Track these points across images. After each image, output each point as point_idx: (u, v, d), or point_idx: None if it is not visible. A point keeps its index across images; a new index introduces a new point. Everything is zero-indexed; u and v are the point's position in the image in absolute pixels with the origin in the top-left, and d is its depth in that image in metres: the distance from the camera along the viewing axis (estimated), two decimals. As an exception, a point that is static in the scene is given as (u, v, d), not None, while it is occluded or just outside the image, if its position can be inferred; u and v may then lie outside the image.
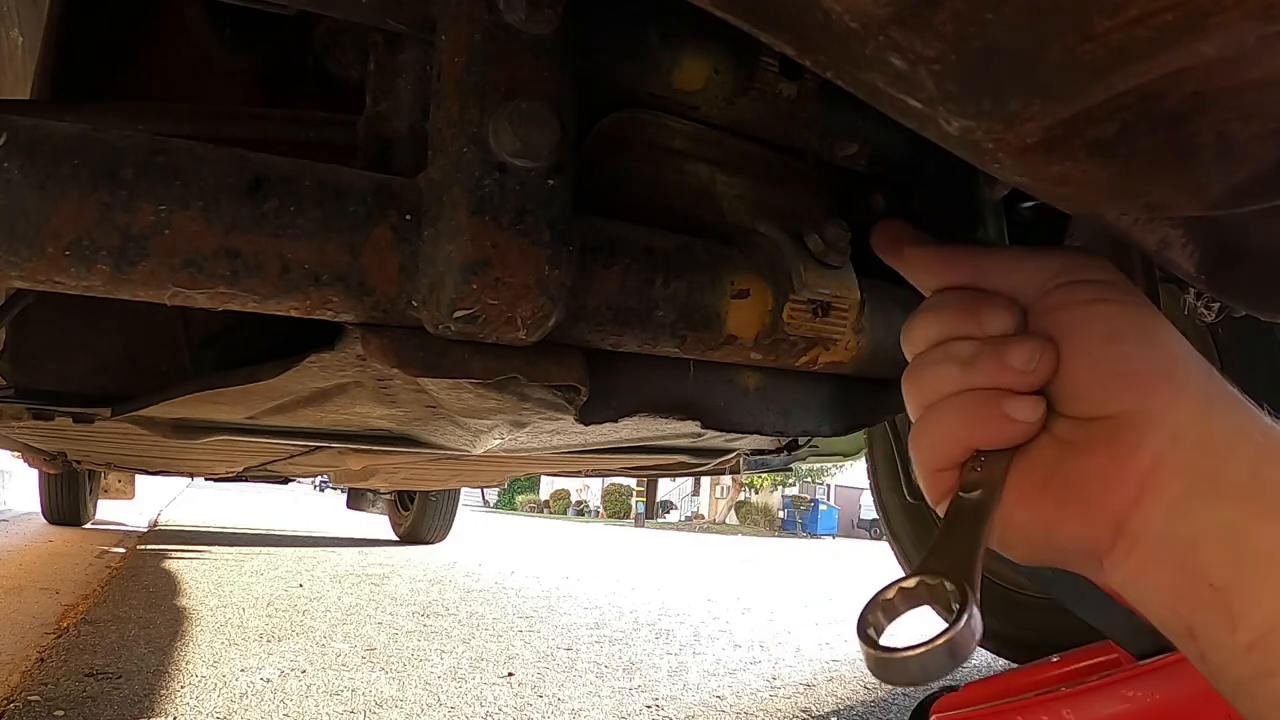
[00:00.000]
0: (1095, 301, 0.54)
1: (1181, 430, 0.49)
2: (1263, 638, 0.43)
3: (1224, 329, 1.74)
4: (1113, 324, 0.53)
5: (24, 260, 0.52)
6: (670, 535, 15.96)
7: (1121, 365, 0.51)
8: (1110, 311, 0.53)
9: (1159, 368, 0.51)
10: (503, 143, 0.60)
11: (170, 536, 6.94)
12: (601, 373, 0.78)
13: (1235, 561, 0.45)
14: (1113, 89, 0.40)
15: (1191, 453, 0.48)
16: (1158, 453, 0.49)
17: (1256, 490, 0.46)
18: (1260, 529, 0.45)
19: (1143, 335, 0.52)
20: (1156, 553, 0.48)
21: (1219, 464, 0.48)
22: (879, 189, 0.99)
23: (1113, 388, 0.51)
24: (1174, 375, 0.51)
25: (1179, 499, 0.48)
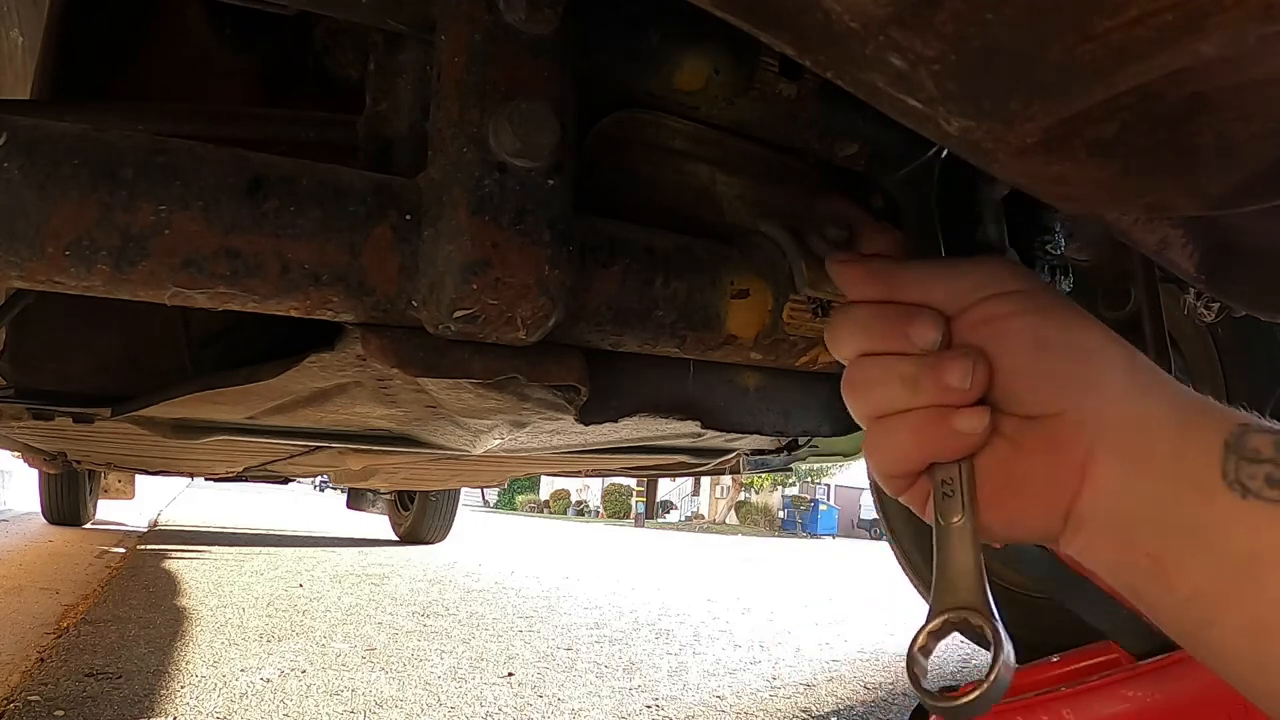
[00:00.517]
0: (1018, 314, 0.57)
1: (1108, 420, 0.53)
2: (1196, 593, 0.49)
3: (1224, 329, 1.74)
4: (1036, 334, 0.56)
5: (24, 260, 0.52)
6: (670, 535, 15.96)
7: (1049, 370, 0.55)
8: (1033, 322, 0.56)
9: (1083, 367, 0.55)
10: (503, 143, 0.60)
11: (170, 536, 6.94)
12: (601, 373, 0.78)
13: (1164, 531, 0.50)
14: (1113, 89, 0.40)
15: (1119, 439, 0.53)
16: (1090, 444, 0.53)
17: (1179, 466, 0.50)
18: (1184, 499, 0.50)
19: (1065, 339, 0.56)
20: (1100, 531, 0.54)
21: (1145, 446, 0.52)
22: (879, 189, 0.99)
23: (1044, 392, 0.55)
24: (1097, 371, 0.55)
25: (1113, 482, 0.53)
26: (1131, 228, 0.63)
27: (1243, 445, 0.48)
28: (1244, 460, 0.47)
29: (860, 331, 0.62)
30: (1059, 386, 0.55)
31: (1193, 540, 0.49)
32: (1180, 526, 0.50)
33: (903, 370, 0.58)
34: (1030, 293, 0.58)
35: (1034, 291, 0.58)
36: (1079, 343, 0.56)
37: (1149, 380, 0.54)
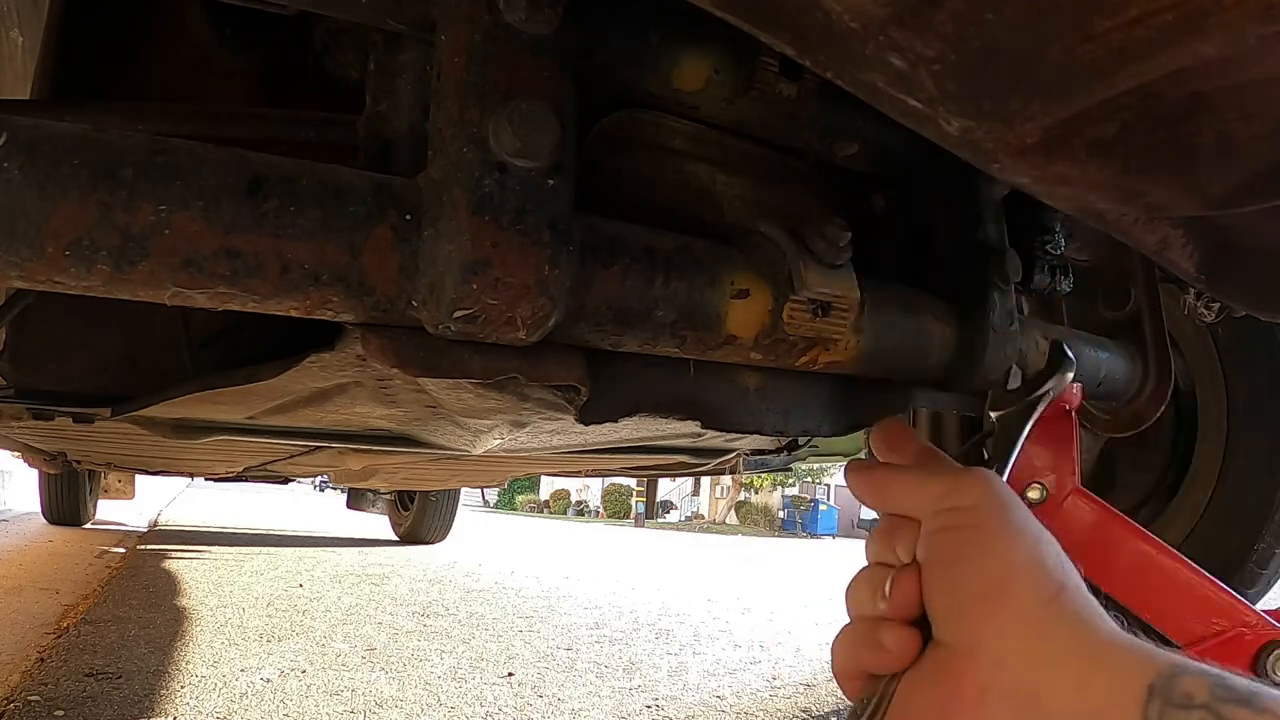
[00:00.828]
0: (948, 529, 0.54)
1: (1005, 655, 0.48)
2: None
3: (1224, 329, 1.74)
4: (954, 551, 0.53)
5: (24, 260, 0.52)
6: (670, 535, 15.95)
7: (954, 590, 0.52)
8: (954, 539, 0.53)
9: (987, 590, 0.50)
10: (503, 143, 0.60)
11: (170, 536, 6.94)
12: (601, 373, 0.78)
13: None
14: (1113, 89, 0.40)
15: (1016, 678, 0.47)
16: (983, 681, 0.49)
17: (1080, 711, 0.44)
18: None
19: (977, 561, 0.52)
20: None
21: (1042, 687, 0.46)
22: (879, 189, 0.99)
23: (948, 614, 0.52)
24: (1003, 596, 0.50)
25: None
26: (1131, 228, 0.63)
27: (1171, 690, 0.41)
28: (1171, 707, 0.41)
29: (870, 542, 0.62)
30: (960, 607, 0.51)
31: None
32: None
33: (878, 578, 0.58)
34: (978, 509, 0.54)
35: (980, 508, 0.54)
36: (994, 565, 0.51)
37: (1067, 614, 0.48)
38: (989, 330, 0.92)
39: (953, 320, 0.92)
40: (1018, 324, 0.96)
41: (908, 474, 0.60)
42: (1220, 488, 1.76)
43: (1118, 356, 1.24)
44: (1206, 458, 1.80)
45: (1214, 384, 1.79)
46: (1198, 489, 1.80)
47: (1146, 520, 1.82)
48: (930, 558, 0.54)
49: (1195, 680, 0.41)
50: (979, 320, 0.92)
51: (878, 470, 0.63)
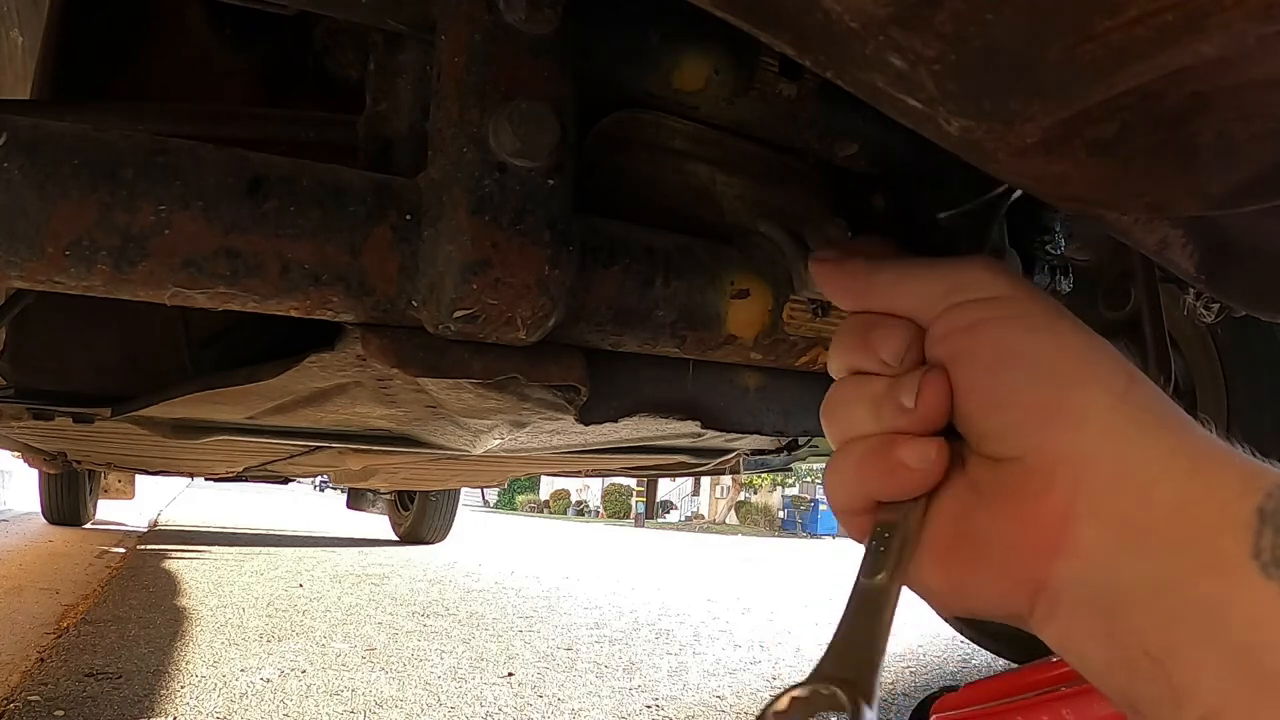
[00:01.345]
0: (978, 324, 0.47)
1: (1088, 467, 0.41)
2: (1211, 711, 0.36)
3: (1224, 330, 1.74)
4: (997, 348, 0.45)
5: (24, 260, 0.52)
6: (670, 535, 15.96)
7: (1010, 396, 0.44)
8: (993, 334, 0.46)
9: (1052, 394, 0.43)
10: (503, 143, 0.60)
11: (170, 536, 6.94)
12: (601, 373, 0.78)
13: (1170, 625, 0.37)
14: (1113, 89, 0.40)
15: (1104, 493, 0.40)
16: (1067, 499, 0.41)
17: (1183, 536, 0.38)
18: (1195, 584, 0.37)
19: (1032, 357, 0.44)
20: (1081, 615, 0.41)
21: (1137, 505, 0.39)
22: (879, 189, 0.99)
23: (1007, 423, 0.44)
24: (1071, 399, 0.42)
25: (1096, 551, 0.40)
26: (1132, 228, 0.63)
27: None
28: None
29: (837, 345, 0.54)
30: (1023, 415, 0.43)
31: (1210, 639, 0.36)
32: (1193, 622, 0.36)
33: (873, 390, 0.50)
34: (1006, 299, 0.47)
35: (1011, 298, 0.47)
36: (1053, 360, 0.44)
37: (1149, 414, 0.41)
38: (989, 330, 0.92)
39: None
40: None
41: (897, 267, 0.52)
42: (1220, 488, 1.76)
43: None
44: (1206, 458, 1.80)
45: (1214, 384, 1.79)
46: (1198, 489, 1.79)
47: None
48: (960, 359, 0.46)
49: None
50: (979, 320, 0.92)
51: (855, 262, 0.54)
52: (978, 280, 0.48)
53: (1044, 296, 0.46)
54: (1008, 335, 0.45)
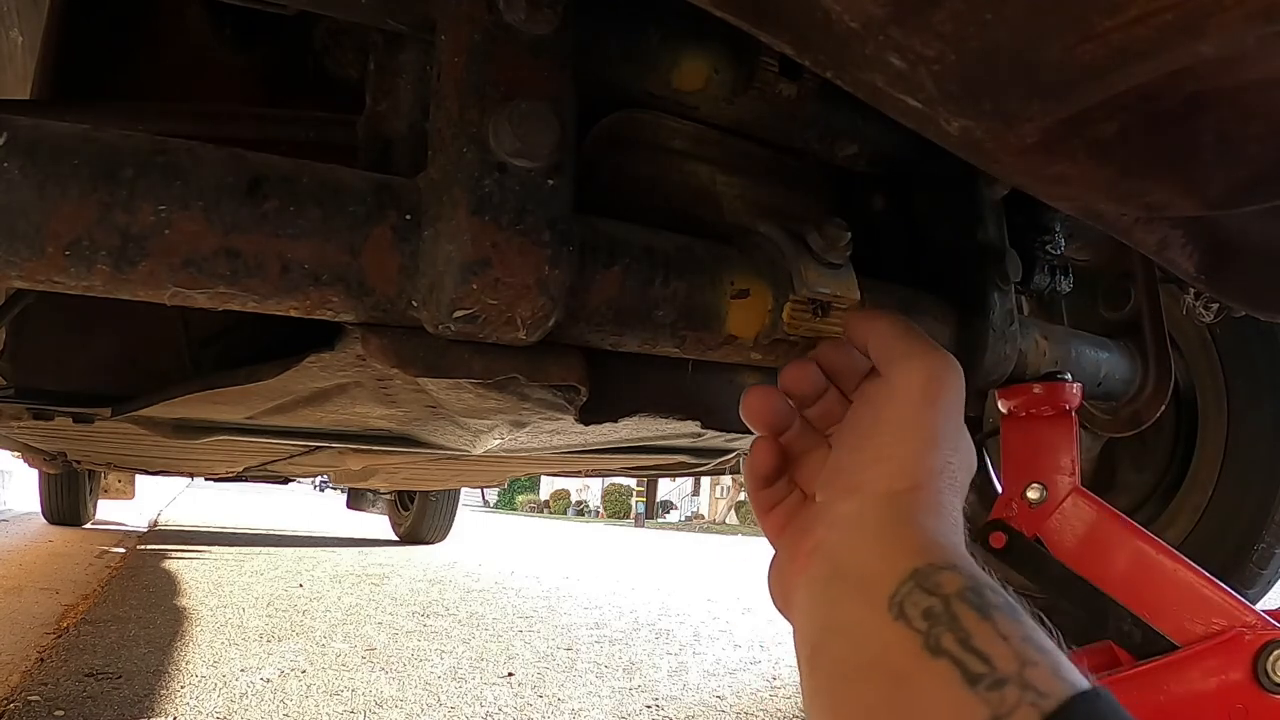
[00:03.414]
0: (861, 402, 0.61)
1: (838, 526, 0.55)
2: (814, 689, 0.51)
3: (1223, 329, 1.74)
4: (854, 422, 0.60)
5: (24, 260, 0.52)
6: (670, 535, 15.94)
7: (836, 459, 0.59)
8: (861, 413, 0.60)
9: (855, 466, 0.57)
10: (502, 143, 0.60)
11: (170, 536, 6.93)
12: (601, 372, 0.78)
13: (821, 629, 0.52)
14: (1112, 89, 0.40)
15: (838, 541, 0.54)
16: (819, 538, 0.56)
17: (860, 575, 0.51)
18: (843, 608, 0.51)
19: (865, 439, 0.58)
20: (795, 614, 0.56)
21: (850, 555, 0.53)
22: (879, 189, 0.99)
23: (825, 478, 0.59)
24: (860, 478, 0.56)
25: (813, 576, 0.55)
26: (1131, 228, 0.63)
27: (929, 578, 0.47)
28: (919, 589, 0.47)
29: None
30: (830, 477, 0.59)
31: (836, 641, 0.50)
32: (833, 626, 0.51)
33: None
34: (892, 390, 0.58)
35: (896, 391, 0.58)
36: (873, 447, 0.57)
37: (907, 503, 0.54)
38: (989, 330, 0.92)
39: (952, 320, 0.92)
40: (1017, 324, 0.96)
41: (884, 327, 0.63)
42: (1220, 488, 1.76)
43: (1118, 356, 1.24)
44: (1206, 458, 1.80)
45: (1214, 384, 1.79)
46: (1198, 489, 1.80)
47: (1146, 520, 1.83)
48: (846, 417, 0.61)
49: (953, 577, 0.47)
50: (979, 320, 0.92)
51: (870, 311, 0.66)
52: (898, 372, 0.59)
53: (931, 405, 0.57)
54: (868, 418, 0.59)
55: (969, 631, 0.44)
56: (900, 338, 0.60)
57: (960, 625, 0.44)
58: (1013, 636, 0.44)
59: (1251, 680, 0.92)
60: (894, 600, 0.47)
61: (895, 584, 0.48)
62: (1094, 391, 1.21)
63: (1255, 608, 0.96)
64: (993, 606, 0.45)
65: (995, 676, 0.42)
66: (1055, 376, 1.06)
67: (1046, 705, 0.40)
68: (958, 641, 0.44)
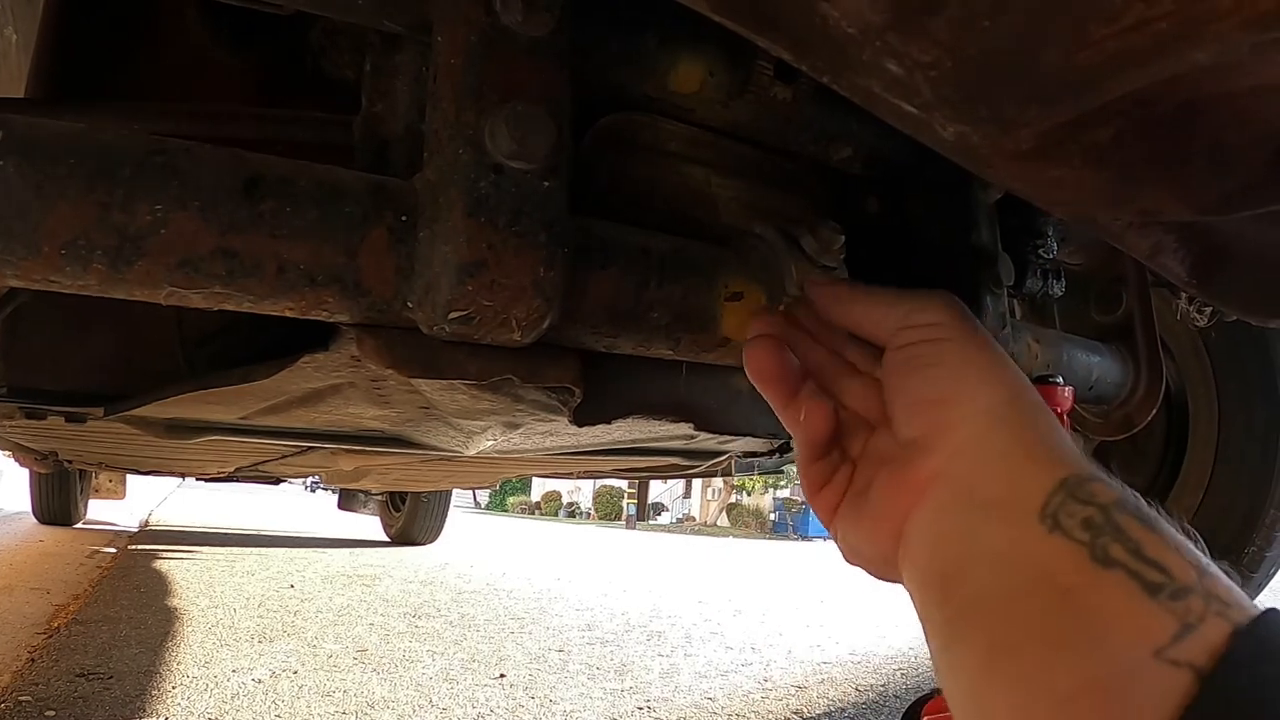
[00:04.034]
0: (914, 344, 0.58)
1: (962, 448, 0.52)
2: (958, 613, 0.48)
3: (1215, 333, 1.75)
4: (919, 359, 0.57)
5: (20, 259, 0.52)
6: (661, 537, 15.94)
7: (918, 394, 0.56)
8: (920, 350, 0.57)
9: (951, 395, 0.54)
10: (499, 144, 0.60)
11: (161, 536, 6.91)
12: (596, 374, 0.78)
13: (961, 555, 0.49)
14: (1107, 95, 0.40)
15: (957, 466, 0.52)
16: (937, 468, 0.53)
17: (995, 497, 0.49)
18: (991, 525, 0.48)
19: (944, 368, 0.56)
20: (913, 549, 0.53)
21: (977, 473, 0.51)
22: (873, 192, 1.00)
23: (912, 413, 0.56)
24: (959, 399, 0.54)
25: (941, 504, 0.52)
26: (1125, 233, 0.63)
27: (1079, 488, 0.46)
28: (1072, 500, 0.45)
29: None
30: (924, 408, 0.56)
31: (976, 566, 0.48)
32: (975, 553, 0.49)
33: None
34: (943, 325, 0.57)
35: (945, 325, 0.57)
36: (958, 372, 0.55)
37: (1015, 419, 0.52)
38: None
39: (946, 323, 0.92)
40: (1010, 327, 0.97)
41: (873, 294, 0.62)
42: (1211, 491, 1.77)
43: (1109, 360, 1.25)
44: (1197, 461, 1.80)
45: (1205, 388, 1.80)
46: (1188, 492, 1.80)
47: (1138, 523, 1.83)
48: (897, 367, 0.58)
49: (1105, 488, 0.45)
50: (972, 323, 0.92)
51: (844, 286, 0.65)
52: (926, 312, 0.58)
53: (977, 330, 0.57)
54: (930, 352, 0.56)
55: (1137, 540, 0.42)
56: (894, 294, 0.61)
57: (1127, 535, 0.43)
58: (1181, 547, 0.42)
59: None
60: (1046, 513, 0.45)
61: (1044, 496, 0.46)
62: (1086, 395, 1.22)
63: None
64: (1152, 518, 0.44)
65: (1176, 586, 0.40)
66: (1047, 379, 1.06)
67: (1235, 615, 0.39)
68: (1128, 551, 0.42)
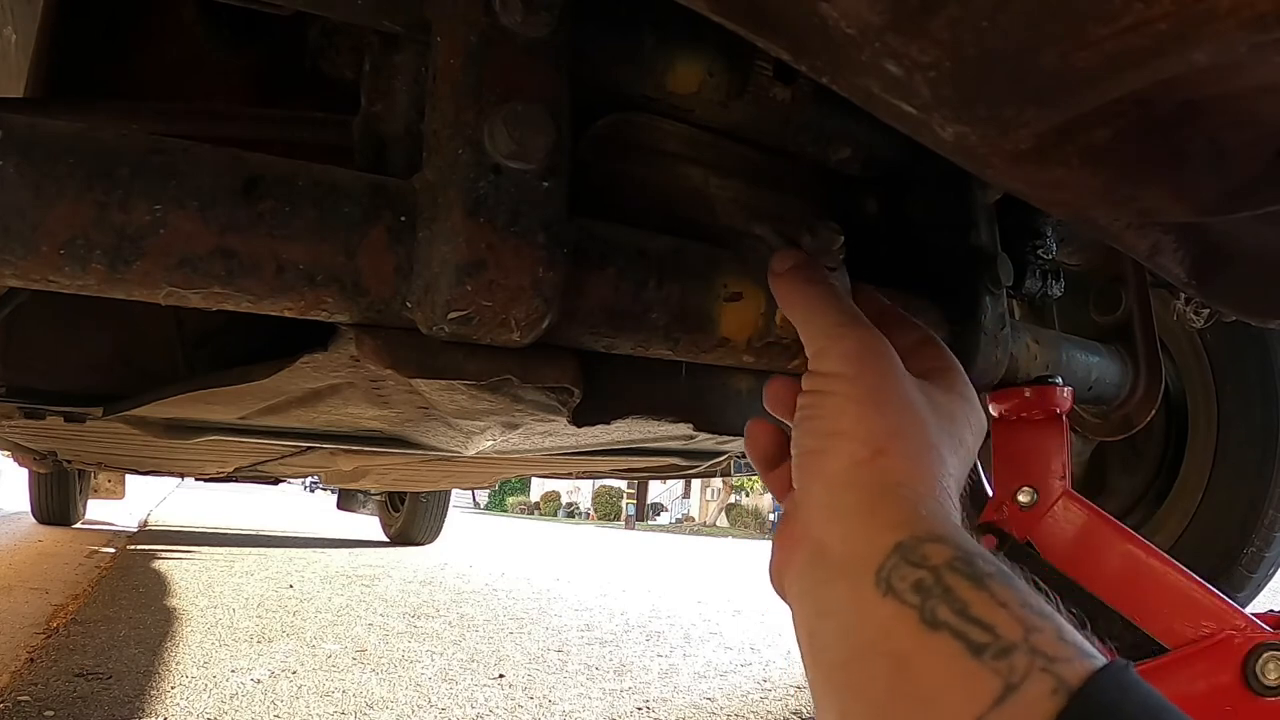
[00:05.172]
0: (809, 391, 0.59)
1: (818, 505, 0.55)
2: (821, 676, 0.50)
3: (1214, 334, 1.75)
4: (807, 409, 0.59)
5: (19, 259, 0.52)
6: (660, 537, 15.94)
7: (801, 445, 0.58)
8: (810, 400, 0.59)
9: (816, 447, 0.57)
10: (498, 145, 0.60)
11: (160, 536, 6.91)
12: (594, 375, 0.78)
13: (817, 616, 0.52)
14: (1106, 96, 0.40)
15: (820, 527, 0.54)
16: (803, 523, 0.56)
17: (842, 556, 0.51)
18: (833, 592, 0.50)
19: (822, 421, 0.57)
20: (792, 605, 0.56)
21: (831, 536, 0.52)
22: (872, 192, 1.00)
23: (796, 465, 0.59)
24: (824, 455, 0.56)
25: (804, 562, 0.54)
26: (1123, 233, 0.63)
27: (913, 550, 0.47)
28: (904, 562, 0.46)
29: None
30: (799, 462, 0.58)
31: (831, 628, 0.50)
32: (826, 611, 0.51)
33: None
34: (832, 376, 0.58)
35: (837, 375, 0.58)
36: (828, 427, 0.57)
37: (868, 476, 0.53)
38: (980, 334, 0.93)
39: (944, 324, 0.92)
40: (1009, 328, 0.97)
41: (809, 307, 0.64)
42: (1210, 492, 1.77)
43: (1108, 360, 1.25)
44: (1196, 462, 1.81)
45: (1204, 388, 1.80)
46: (1188, 493, 1.80)
47: (1136, 524, 1.83)
48: (797, 413, 0.60)
49: (939, 548, 0.46)
50: (970, 324, 0.93)
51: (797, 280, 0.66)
52: (828, 358, 0.59)
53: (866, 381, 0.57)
54: (817, 403, 0.58)
55: (965, 601, 0.43)
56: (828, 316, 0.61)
57: (955, 595, 0.43)
58: (1011, 603, 0.42)
59: (1240, 683, 0.92)
60: (880, 576, 0.47)
61: (879, 560, 0.47)
62: (1085, 395, 1.22)
63: (1244, 611, 0.97)
64: (985, 575, 0.44)
65: (1001, 644, 0.40)
66: (1046, 380, 1.06)
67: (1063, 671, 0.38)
68: (955, 612, 0.43)
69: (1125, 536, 1.04)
